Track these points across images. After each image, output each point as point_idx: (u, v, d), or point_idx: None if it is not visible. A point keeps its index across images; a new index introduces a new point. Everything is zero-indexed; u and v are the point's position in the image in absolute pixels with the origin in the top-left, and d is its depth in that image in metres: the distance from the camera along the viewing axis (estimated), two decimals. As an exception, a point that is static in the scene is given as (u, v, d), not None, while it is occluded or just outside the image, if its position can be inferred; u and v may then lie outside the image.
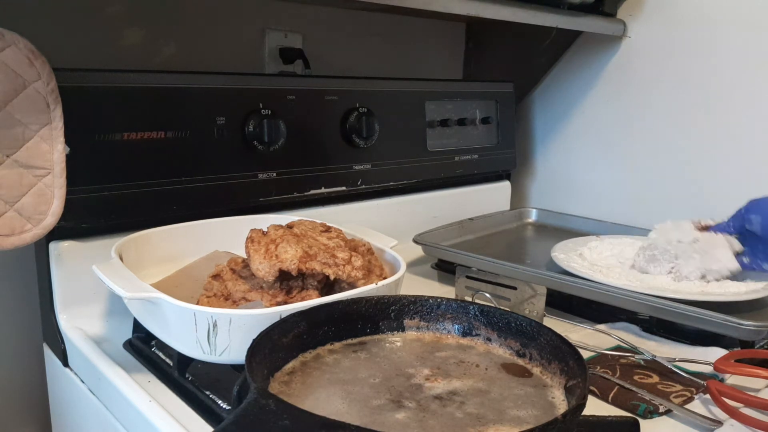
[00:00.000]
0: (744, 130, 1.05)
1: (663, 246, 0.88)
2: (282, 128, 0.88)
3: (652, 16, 1.14)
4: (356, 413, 0.48)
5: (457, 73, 1.40)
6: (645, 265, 0.88)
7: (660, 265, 0.87)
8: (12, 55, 0.65)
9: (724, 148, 1.08)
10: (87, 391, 0.72)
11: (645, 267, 0.88)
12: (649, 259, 0.88)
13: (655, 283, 0.86)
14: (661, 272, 0.87)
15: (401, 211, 1.10)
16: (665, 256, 0.87)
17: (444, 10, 0.90)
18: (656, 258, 0.88)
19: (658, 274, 0.87)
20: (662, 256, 0.87)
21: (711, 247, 0.85)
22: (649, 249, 0.89)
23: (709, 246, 0.85)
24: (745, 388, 0.66)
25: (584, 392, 0.46)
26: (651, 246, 0.90)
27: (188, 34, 0.99)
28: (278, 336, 0.54)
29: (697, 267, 0.84)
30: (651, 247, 0.89)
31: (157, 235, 0.77)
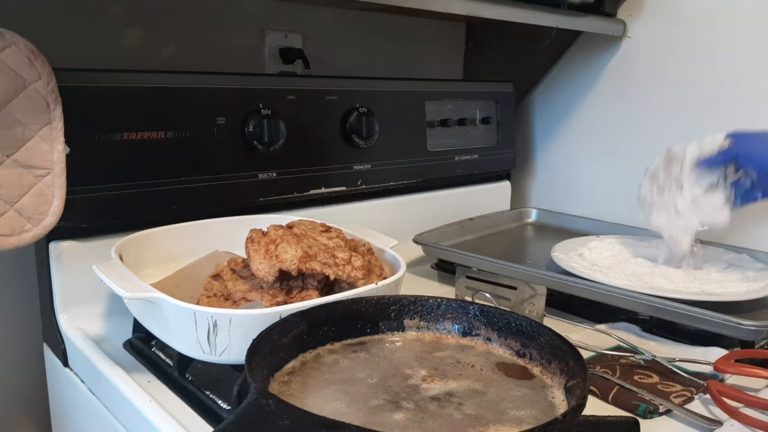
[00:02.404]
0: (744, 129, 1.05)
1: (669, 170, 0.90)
2: (282, 128, 0.88)
3: (652, 16, 1.14)
4: (355, 413, 0.48)
5: (457, 73, 1.40)
6: (651, 197, 0.91)
7: (664, 196, 0.90)
8: (12, 55, 0.65)
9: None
10: (87, 391, 0.72)
11: (652, 199, 0.91)
12: (659, 189, 0.91)
13: (655, 283, 0.86)
14: (664, 206, 0.90)
15: (401, 211, 1.10)
16: (668, 184, 0.90)
17: (444, 10, 0.90)
18: (663, 190, 0.90)
19: (661, 208, 0.90)
20: (667, 183, 0.90)
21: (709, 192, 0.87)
22: (657, 178, 0.92)
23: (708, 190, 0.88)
24: (745, 388, 0.66)
25: (584, 392, 0.46)
26: (660, 170, 0.92)
27: (188, 34, 0.99)
28: (278, 336, 0.54)
29: (695, 206, 0.87)
30: (660, 173, 0.91)
31: (157, 235, 0.77)
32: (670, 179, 0.90)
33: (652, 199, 0.91)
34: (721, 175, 0.87)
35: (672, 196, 0.89)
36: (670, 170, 0.90)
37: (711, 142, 0.88)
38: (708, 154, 0.87)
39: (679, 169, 0.89)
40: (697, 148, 0.88)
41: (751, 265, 0.92)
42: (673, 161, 0.90)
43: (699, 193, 0.88)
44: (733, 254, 0.95)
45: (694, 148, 0.89)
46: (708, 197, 0.87)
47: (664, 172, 0.91)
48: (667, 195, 0.90)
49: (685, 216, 0.88)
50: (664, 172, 0.91)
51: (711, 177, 0.87)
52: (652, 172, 0.93)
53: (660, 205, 0.90)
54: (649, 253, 0.98)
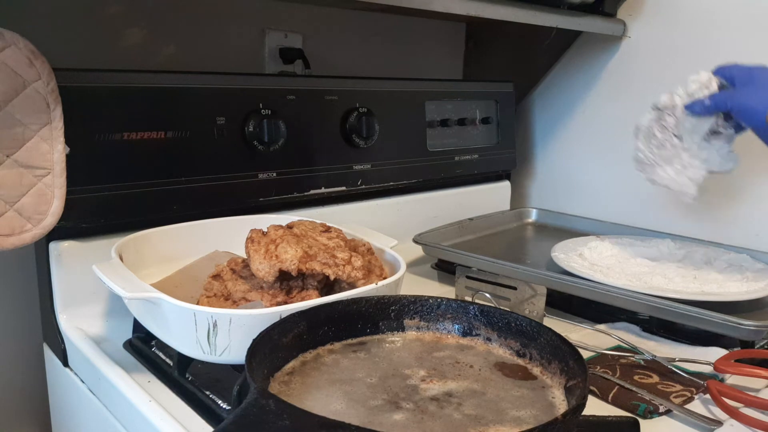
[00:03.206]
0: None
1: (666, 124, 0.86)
2: (282, 128, 0.88)
3: (652, 16, 1.14)
4: (354, 414, 0.48)
5: (457, 73, 1.40)
6: (653, 155, 0.87)
7: (666, 151, 0.85)
8: (12, 55, 0.65)
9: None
10: (87, 391, 0.72)
11: (653, 157, 0.87)
12: (658, 145, 0.86)
13: (655, 283, 0.86)
14: (668, 161, 0.86)
15: (401, 211, 1.10)
16: (667, 138, 0.85)
17: (444, 10, 0.90)
18: (663, 145, 0.86)
19: (665, 163, 0.86)
20: (665, 138, 0.85)
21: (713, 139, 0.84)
22: (653, 134, 0.87)
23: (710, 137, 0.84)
24: (745, 388, 0.66)
25: (584, 392, 0.46)
26: (654, 126, 0.87)
27: (188, 34, 0.99)
28: (278, 336, 0.54)
29: (701, 155, 0.83)
30: (655, 129, 0.87)
31: (157, 235, 0.77)
32: (666, 133, 0.86)
33: (654, 156, 0.87)
34: (718, 118, 0.83)
35: (675, 150, 0.85)
36: (664, 123, 0.86)
37: (697, 82, 0.83)
38: (698, 99, 0.83)
39: (674, 120, 0.85)
40: (685, 94, 0.84)
41: (751, 265, 0.92)
42: (665, 113, 0.86)
43: (701, 141, 0.84)
44: (733, 254, 0.95)
45: (682, 93, 0.85)
46: (712, 144, 0.83)
47: (658, 127, 0.86)
48: (670, 149, 0.85)
49: (693, 167, 0.84)
50: (658, 127, 0.86)
51: (707, 122, 0.83)
52: (646, 131, 0.88)
53: (663, 160, 0.86)
54: (649, 253, 0.98)
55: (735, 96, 0.79)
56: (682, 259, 0.96)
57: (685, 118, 0.84)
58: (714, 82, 0.83)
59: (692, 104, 0.83)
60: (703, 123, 0.83)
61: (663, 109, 0.86)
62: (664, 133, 0.86)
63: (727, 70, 0.83)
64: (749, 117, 0.77)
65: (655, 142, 0.87)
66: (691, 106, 0.83)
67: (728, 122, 0.82)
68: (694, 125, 0.83)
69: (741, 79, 0.81)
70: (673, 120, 0.85)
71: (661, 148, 0.86)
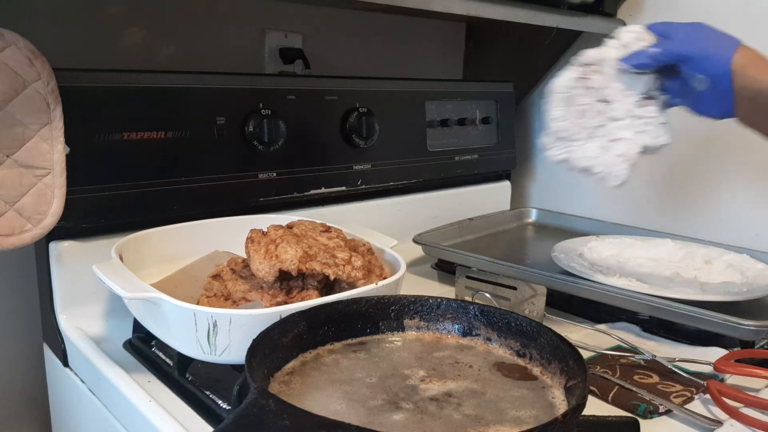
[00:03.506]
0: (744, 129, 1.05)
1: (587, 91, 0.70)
2: (282, 128, 0.88)
3: (652, 16, 1.14)
4: (354, 414, 0.48)
5: (457, 73, 1.40)
6: (571, 125, 0.70)
7: (588, 120, 0.69)
8: (12, 55, 0.65)
9: (724, 146, 1.08)
10: (87, 391, 0.72)
11: (572, 128, 0.70)
12: (579, 113, 0.69)
13: (655, 283, 0.86)
14: (591, 133, 0.70)
15: (401, 211, 1.10)
16: (590, 102, 0.70)
17: (444, 10, 0.90)
18: (585, 113, 0.69)
19: (588, 136, 0.70)
20: (588, 101, 0.70)
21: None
22: (572, 99, 0.70)
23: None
24: (745, 388, 0.66)
25: (584, 392, 0.46)
26: (576, 87, 0.70)
27: (188, 34, 0.99)
28: (278, 336, 0.54)
29: (634, 125, 0.68)
30: (576, 91, 0.70)
31: (157, 235, 0.77)
32: (590, 96, 0.69)
33: (573, 127, 0.70)
34: (652, 81, 0.69)
35: (600, 119, 0.69)
36: (589, 82, 0.69)
37: (630, 35, 0.70)
38: (639, 49, 0.69)
39: (601, 80, 0.69)
40: (618, 47, 0.69)
41: (751, 265, 0.92)
42: (591, 70, 0.70)
43: (633, 106, 0.68)
44: (733, 254, 0.95)
45: (616, 45, 0.70)
46: (644, 112, 0.69)
47: (581, 88, 0.70)
48: (594, 117, 0.69)
49: (624, 141, 0.68)
50: (581, 89, 0.69)
51: (642, 82, 0.68)
52: (564, 94, 0.70)
53: (586, 132, 0.69)
54: (649, 253, 0.98)
55: (687, 42, 0.67)
56: (682, 259, 0.96)
57: (616, 77, 0.69)
58: (649, 35, 0.70)
59: (633, 56, 0.68)
60: (637, 83, 0.69)
61: (589, 65, 0.70)
62: (587, 95, 0.69)
63: (661, 26, 0.71)
64: (711, 63, 0.64)
65: (575, 108, 0.70)
66: (632, 58, 0.68)
67: (665, 84, 0.70)
68: (627, 86, 0.69)
69: (682, 31, 0.69)
70: (601, 79, 0.69)
71: (583, 116, 0.70)
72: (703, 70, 0.65)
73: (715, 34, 0.67)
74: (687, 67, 0.66)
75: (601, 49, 0.70)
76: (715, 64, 0.64)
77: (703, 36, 0.67)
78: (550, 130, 0.71)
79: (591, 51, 0.70)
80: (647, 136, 0.68)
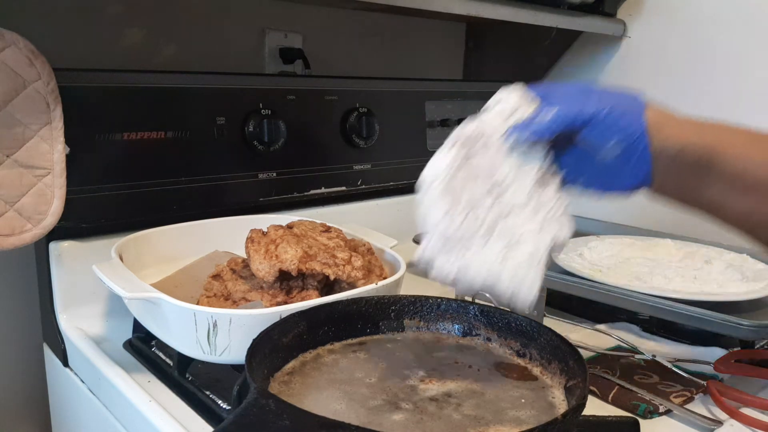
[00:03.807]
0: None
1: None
2: (282, 128, 0.88)
3: (652, 16, 1.14)
4: (354, 414, 0.48)
5: (457, 73, 1.40)
6: (459, 226, 0.51)
7: (482, 217, 0.52)
8: (12, 55, 0.65)
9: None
10: (87, 391, 0.72)
11: (460, 230, 0.51)
12: (465, 207, 0.52)
13: (655, 283, 0.86)
14: (487, 233, 0.51)
15: (401, 211, 1.10)
16: (479, 190, 0.52)
17: (444, 10, 0.90)
18: (475, 207, 0.52)
19: (484, 238, 0.52)
20: (476, 190, 0.52)
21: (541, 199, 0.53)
22: (453, 190, 0.52)
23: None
24: (745, 388, 0.66)
25: (584, 392, 0.46)
26: (457, 174, 0.52)
27: (188, 34, 0.99)
28: (278, 336, 0.54)
29: (539, 214, 0.53)
30: (457, 180, 0.52)
31: (157, 235, 0.77)
32: (478, 181, 0.53)
33: (461, 228, 0.51)
34: (546, 156, 0.54)
35: (495, 211, 0.52)
36: (474, 165, 0.53)
37: (512, 98, 0.56)
38: (529, 118, 0.54)
39: (487, 162, 0.53)
40: (502, 115, 0.55)
41: (751, 265, 0.92)
42: (474, 149, 0.53)
43: (533, 190, 0.53)
44: (733, 254, 0.95)
45: (497, 114, 0.55)
46: (547, 196, 0.54)
47: (465, 170, 0.53)
48: (489, 210, 0.52)
49: (529, 240, 0.51)
50: (465, 172, 0.53)
51: (535, 161, 0.53)
52: (445, 178, 0.52)
53: (480, 233, 0.51)
54: (649, 253, 0.98)
55: (588, 102, 0.53)
56: (682, 259, 0.96)
57: (505, 155, 0.53)
58: (533, 99, 0.56)
59: (524, 125, 0.53)
60: (530, 161, 0.54)
61: (470, 144, 0.54)
62: (474, 182, 0.52)
63: (544, 88, 0.57)
64: (623, 125, 0.52)
65: (460, 202, 0.52)
66: (523, 127, 0.53)
67: (559, 159, 0.55)
68: (519, 166, 0.53)
69: (573, 91, 0.55)
70: (488, 159, 0.53)
71: (472, 211, 0.52)
72: (615, 134, 0.52)
73: (614, 92, 0.55)
74: (592, 132, 0.52)
75: (482, 120, 0.55)
76: (629, 125, 0.52)
77: (601, 95, 0.54)
78: (431, 237, 0.52)
79: (469, 124, 0.54)
80: (554, 229, 0.52)
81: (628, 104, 0.54)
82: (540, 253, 0.51)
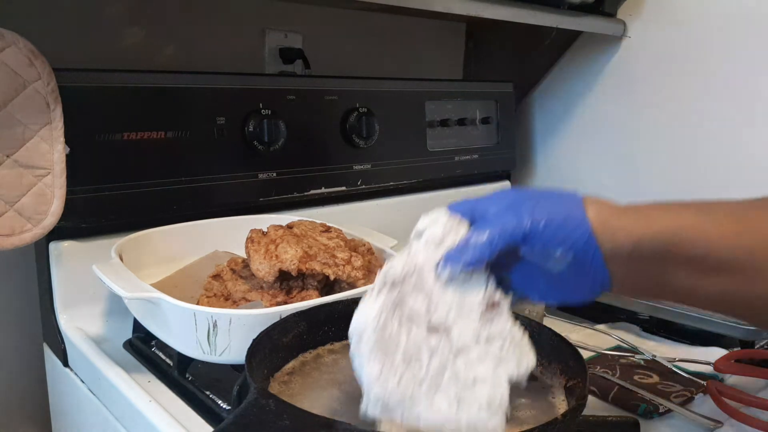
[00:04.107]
0: (745, 129, 1.05)
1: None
2: (282, 128, 0.88)
3: (652, 16, 1.14)
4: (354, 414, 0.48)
5: (457, 73, 1.40)
6: (399, 380, 0.44)
7: (425, 369, 0.45)
8: (12, 55, 0.65)
9: (725, 147, 1.08)
10: (87, 391, 0.72)
11: (403, 385, 0.44)
12: (405, 357, 0.45)
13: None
14: (432, 390, 0.44)
15: (401, 211, 1.10)
16: (418, 340, 0.46)
17: (444, 10, 0.90)
18: (410, 354, 0.45)
19: (431, 398, 0.44)
20: (413, 336, 0.46)
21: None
22: (390, 339, 0.45)
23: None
24: (745, 388, 0.66)
25: (584, 392, 0.46)
26: (389, 320, 0.46)
27: (188, 34, 0.99)
28: (278, 336, 0.54)
29: (493, 364, 0.45)
30: (392, 326, 0.46)
31: (157, 235, 0.77)
32: (415, 327, 0.46)
33: (399, 390, 0.44)
34: (487, 280, 0.48)
35: (440, 356, 0.45)
36: (408, 308, 0.46)
37: (437, 227, 0.49)
38: (462, 243, 0.47)
39: (424, 301, 0.46)
40: (430, 248, 0.48)
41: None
42: (406, 288, 0.47)
43: (479, 324, 0.47)
44: (733, 254, 0.95)
45: (426, 248, 0.48)
46: (497, 327, 0.47)
47: (398, 317, 0.46)
48: (432, 357, 0.45)
49: (484, 381, 0.44)
50: (399, 318, 0.46)
51: (476, 289, 0.47)
52: (375, 329, 0.45)
53: (425, 385, 0.44)
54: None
55: (520, 213, 0.47)
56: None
57: (442, 290, 0.47)
58: (459, 221, 0.51)
59: (456, 253, 0.47)
60: (471, 290, 0.47)
61: (400, 285, 0.47)
62: (411, 328, 0.46)
63: (464, 205, 0.53)
64: (567, 230, 0.46)
65: (398, 353, 0.45)
66: (456, 256, 0.47)
67: (503, 280, 0.50)
68: (459, 297, 0.47)
69: (498, 202, 0.50)
70: (424, 298, 0.47)
71: (413, 361, 0.45)
72: (559, 244, 0.46)
73: (548, 194, 0.49)
74: (534, 246, 0.47)
75: (409, 255, 0.48)
76: (572, 231, 0.46)
77: (535, 203, 0.48)
78: (371, 398, 0.44)
79: (397, 262, 0.47)
80: (512, 364, 0.46)
81: (567, 207, 0.47)
82: (499, 396, 0.44)
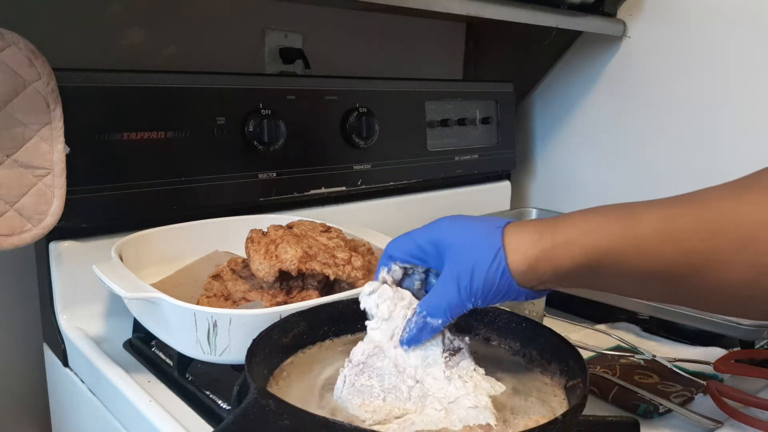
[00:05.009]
0: (745, 129, 1.05)
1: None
2: (282, 128, 0.88)
3: (652, 16, 1.14)
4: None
5: (457, 73, 1.40)
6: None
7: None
8: (12, 55, 0.65)
9: (725, 147, 1.08)
10: (87, 391, 0.72)
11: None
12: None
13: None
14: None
15: (401, 211, 1.10)
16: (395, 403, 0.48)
17: (444, 10, 0.90)
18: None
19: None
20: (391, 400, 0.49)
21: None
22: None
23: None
24: (745, 388, 0.66)
25: (584, 392, 0.46)
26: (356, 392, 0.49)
27: (188, 34, 0.99)
28: (278, 336, 0.54)
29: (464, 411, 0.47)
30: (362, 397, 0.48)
31: (157, 235, 0.77)
32: (385, 377, 0.49)
33: (392, 406, 0.48)
34: (443, 335, 0.51)
35: (418, 391, 0.48)
36: (377, 368, 0.50)
37: (384, 297, 0.52)
38: (416, 318, 0.50)
39: (391, 360, 0.50)
40: (384, 323, 0.51)
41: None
42: (372, 361, 0.50)
43: (447, 371, 0.50)
44: (733, 254, 0.95)
45: (377, 324, 0.51)
46: (462, 370, 0.50)
47: (366, 375, 0.49)
48: (410, 391, 0.48)
49: (467, 396, 0.48)
50: (366, 375, 0.49)
51: (435, 344, 0.51)
52: (341, 388, 0.49)
53: (410, 407, 0.48)
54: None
55: (465, 292, 0.48)
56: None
57: (405, 356, 0.50)
58: (397, 291, 0.52)
59: (417, 334, 0.50)
60: (432, 348, 0.50)
61: (363, 363, 0.50)
62: (378, 378, 0.49)
63: (401, 251, 0.52)
64: (501, 295, 0.49)
65: (375, 388, 0.49)
66: (417, 337, 0.50)
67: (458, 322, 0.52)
68: (423, 358, 0.50)
69: (440, 285, 0.50)
70: (390, 362, 0.50)
71: (395, 390, 0.49)
72: (496, 301, 0.50)
73: (470, 242, 0.49)
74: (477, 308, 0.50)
75: (369, 338, 0.51)
76: (506, 293, 0.49)
77: (472, 275, 0.48)
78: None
79: (357, 349, 0.51)
80: (486, 385, 0.50)
81: (495, 262, 0.48)
82: (484, 401, 0.47)
